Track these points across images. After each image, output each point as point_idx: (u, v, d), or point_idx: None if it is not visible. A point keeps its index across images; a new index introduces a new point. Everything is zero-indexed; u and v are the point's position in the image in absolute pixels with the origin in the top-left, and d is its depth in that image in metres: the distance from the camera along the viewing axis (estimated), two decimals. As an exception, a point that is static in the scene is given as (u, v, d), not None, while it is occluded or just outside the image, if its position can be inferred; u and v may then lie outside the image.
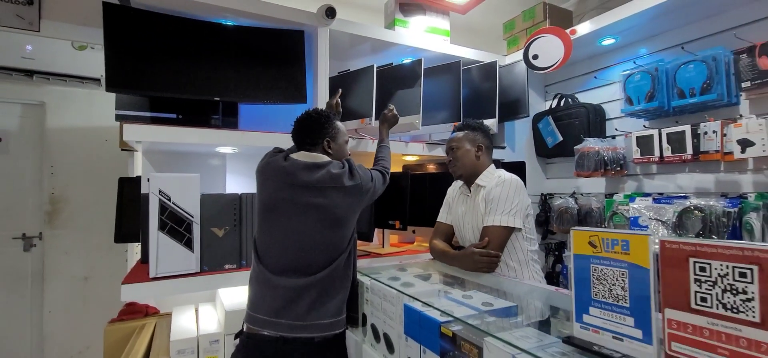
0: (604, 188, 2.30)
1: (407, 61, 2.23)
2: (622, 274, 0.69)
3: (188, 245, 1.64)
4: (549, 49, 1.95)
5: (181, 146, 2.01)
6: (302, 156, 1.41)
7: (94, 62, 3.03)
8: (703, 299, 0.58)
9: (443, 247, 1.66)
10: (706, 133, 1.72)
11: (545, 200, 2.60)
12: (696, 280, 0.59)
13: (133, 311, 2.03)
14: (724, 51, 1.73)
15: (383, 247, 2.31)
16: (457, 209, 1.72)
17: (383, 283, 1.30)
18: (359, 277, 1.44)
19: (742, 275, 0.54)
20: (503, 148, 2.56)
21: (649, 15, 1.87)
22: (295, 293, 1.30)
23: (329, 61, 2.09)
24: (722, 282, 0.56)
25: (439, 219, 1.82)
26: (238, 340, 1.41)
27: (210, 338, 1.68)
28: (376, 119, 2.12)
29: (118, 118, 1.90)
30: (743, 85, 1.67)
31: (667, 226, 1.77)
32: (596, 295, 0.73)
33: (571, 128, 2.37)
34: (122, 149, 2.55)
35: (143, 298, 2.06)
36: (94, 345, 3.19)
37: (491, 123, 2.24)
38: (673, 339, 0.62)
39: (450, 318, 1.00)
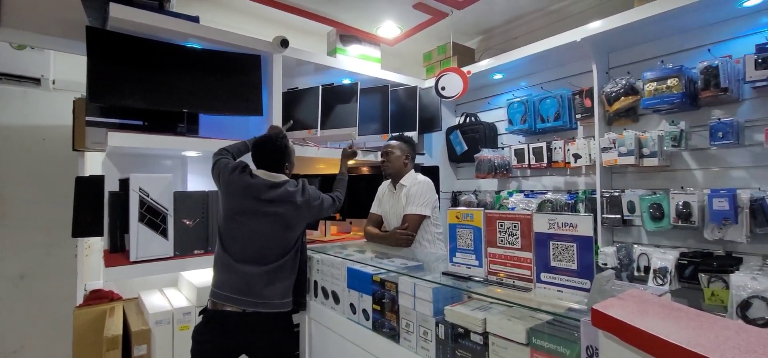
0: (496, 187, 3.03)
1: (346, 81, 2.73)
2: (470, 232, 1.26)
3: (164, 234, 1.97)
4: (452, 84, 2.58)
5: (143, 149, 2.28)
6: (265, 175, 1.78)
7: (32, 62, 3.06)
8: (501, 241, 1.18)
9: (374, 230, 2.20)
10: (555, 148, 2.48)
11: (456, 197, 3.26)
12: (499, 230, 1.18)
13: (99, 297, 2.26)
14: (567, 91, 2.49)
15: (325, 235, 2.78)
16: (385, 202, 2.26)
17: (331, 255, 1.79)
18: (310, 254, 1.90)
19: (514, 227, 1.14)
20: (423, 154, 3.18)
21: (524, 61, 2.58)
22: (253, 278, 1.67)
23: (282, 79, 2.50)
24: (507, 231, 1.15)
25: (371, 210, 2.34)
26: (201, 316, 1.74)
27: (183, 311, 2.02)
28: (321, 129, 2.58)
29: (90, 124, 2.13)
30: (577, 116, 2.44)
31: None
32: (459, 245, 1.30)
33: (474, 140, 3.05)
34: (74, 150, 2.68)
35: (121, 279, 2.30)
36: (29, 344, 3.19)
37: (413, 135, 2.82)
38: (491, 262, 1.21)
39: (380, 270, 1.52)
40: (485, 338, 1.05)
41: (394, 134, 2.31)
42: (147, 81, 2.08)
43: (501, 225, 1.18)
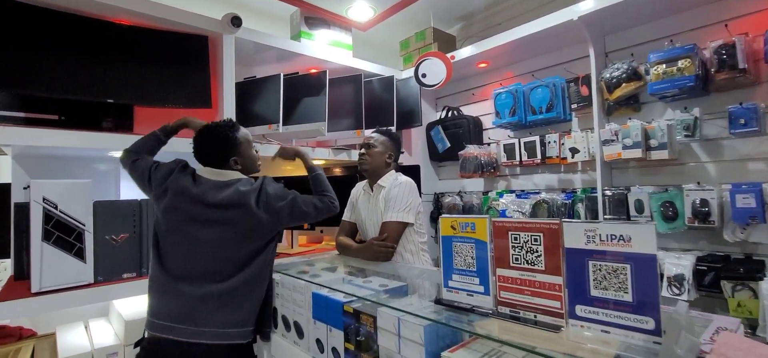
0: (483, 187, 2.75)
1: (313, 71, 2.38)
2: (471, 248, 0.95)
3: (79, 255, 1.56)
4: (434, 70, 2.29)
5: (64, 150, 1.86)
6: (210, 174, 1.43)
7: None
8: (516, 260, 0.87)
9: (347, 241, 1.85)
10: (549, 142, 2.22)
11: (438, 199, 2.97)
12: (513, 245, 0.87)
13: (4, 336, 1.81)
14: (560, 79, 2.24)
15: (292, 247, 2.41)
16: (361, 207, 1.93)
17: (292, 276, 1.44)
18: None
19: (535, 240, 0.83)
20: (402, 153, 2.86)
21: (512, 47, 2.32)
22: (198, 300, 1.32)
23: (236, 68, 2.13)
24: (524, 246, 0.85)
25: (344, 218, 2.00)
26: (138, 348, 1.39)
27: (107, 351, 1.61)
28: (284, 125, 2.22)
29: (-15, 118, 1.69)
30: (572, 106, 2.19)
31: (525, 215, 2.22)
32: (457, 265, 0.99)
33: (457, 136, 2.77)
34: (-21, 153, 2.20)
35: (21, 316, 1.85)
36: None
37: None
38: (502, 288, 0.90)
39: (353, 298, 1.18)
40: (501, 400, 0.74)
41: (379, 128, 1.98)
42: (58, 63, 1.66)
43: (515, 238, 0.87)
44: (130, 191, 2.16)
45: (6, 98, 1.73)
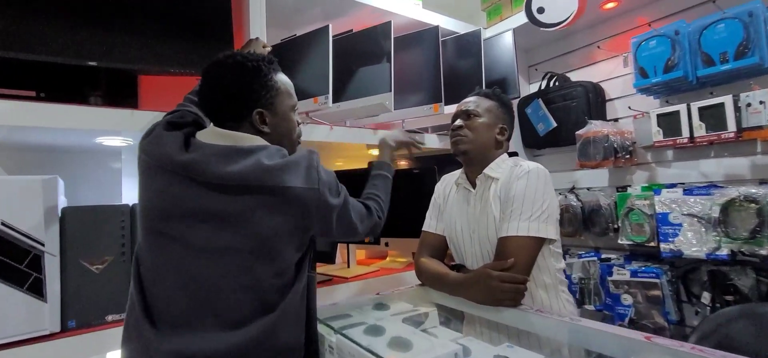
0: (608, 181, 1.95)
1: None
2: None
3: (35, 289, 1.02)
4: (559, 0, 1.55)
5: (48, 138, 1.35)
6: (213, 136, 0.86)
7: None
8: None
9: (437, 268, 1.17)
10: (750, 104, 1.39)
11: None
12: None
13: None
14: (763, 6, 1.41)
15: (348, 267, 1.78)
16: (454, 212, 1.24)
17: (359, 345, 0.78)
18: (318, 329, 0.90)
19: None
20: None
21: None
22: None
23: (268, 30, 1.56)
24: None
25: (425, 227, 1.33)
26: None
27: None
28: (334, 101, 1.61)
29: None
30: (790, 44, 1.36)
31: (708, 223, 1.41)
32: None
33: (566, 112, 2.00)
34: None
35: None
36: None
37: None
38: None
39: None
40: None
41: (483, 90, 1.30)
42: (42, 21, 1.16)
43: None
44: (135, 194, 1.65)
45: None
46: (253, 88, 0.88)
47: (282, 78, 0.96)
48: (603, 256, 1.84)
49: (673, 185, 1.60)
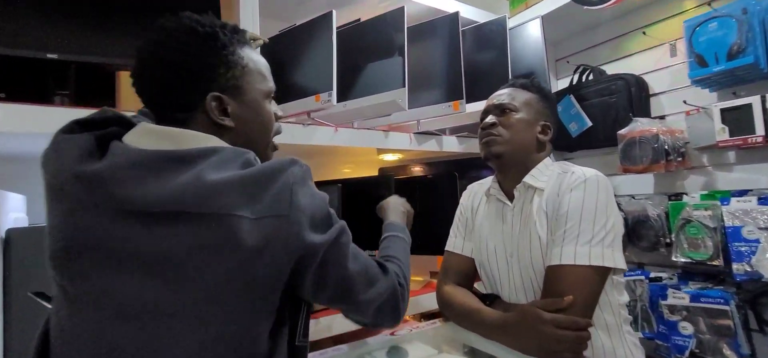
0: (654, 187, 1.70)
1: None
2: None
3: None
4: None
5: (9, 144, 1.17)
6: (144, 135, 0.61)
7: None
8: None
9: (468, 301, 0.94)
10: None
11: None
12: None
13: None
14: None
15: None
16: (484, 229, 1.01)
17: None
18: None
19: None
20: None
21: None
22: None
23: (266, 21, 1.38)
24: None
25: (449, 247, 1.10)
26: None
27: None
28: (340, 99, 1.40)
29: None
30: None
31: (794, 239, 1.16)
32: None
33: (603, 109, 1.76)
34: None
35: None
36: None
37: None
38: None
39: None
40: None
41: (518, 80, 1.08)
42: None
43: None
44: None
45: None
46: (207, 62, 0.61)
47: (251, 53, 0.69)
48: (652, 275, 1.59)
49: (742, 192, 1.35)
